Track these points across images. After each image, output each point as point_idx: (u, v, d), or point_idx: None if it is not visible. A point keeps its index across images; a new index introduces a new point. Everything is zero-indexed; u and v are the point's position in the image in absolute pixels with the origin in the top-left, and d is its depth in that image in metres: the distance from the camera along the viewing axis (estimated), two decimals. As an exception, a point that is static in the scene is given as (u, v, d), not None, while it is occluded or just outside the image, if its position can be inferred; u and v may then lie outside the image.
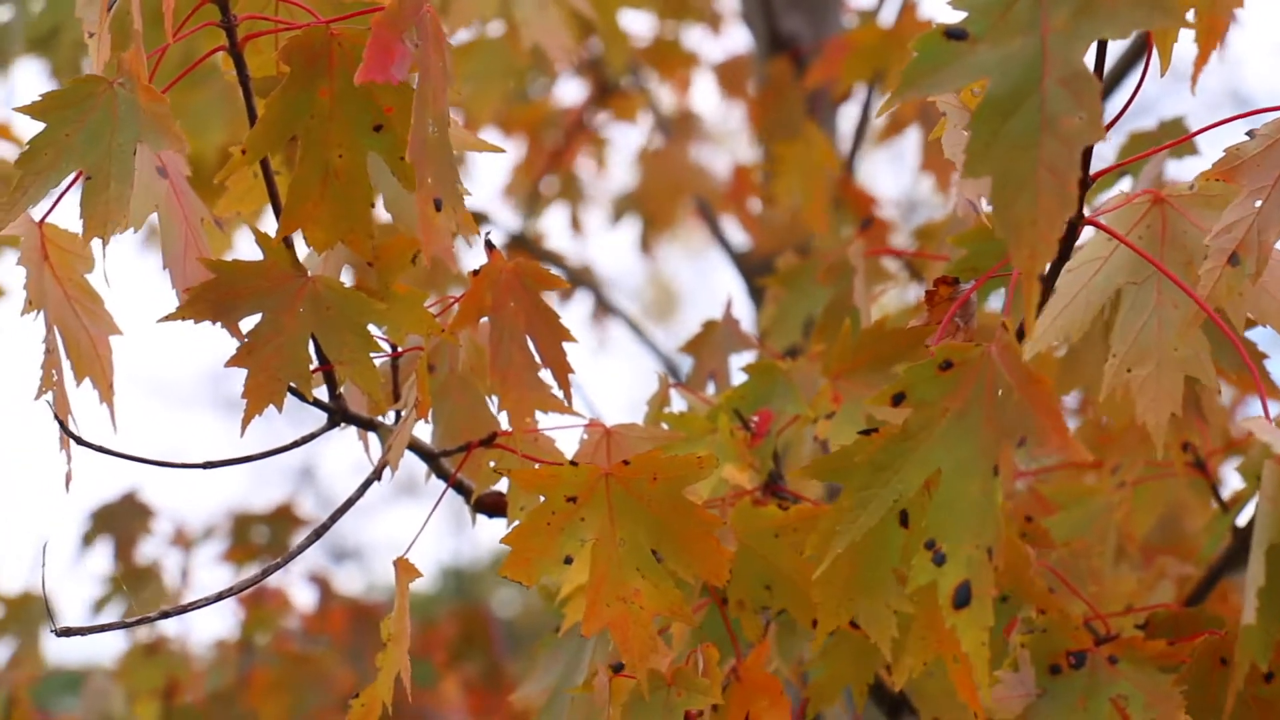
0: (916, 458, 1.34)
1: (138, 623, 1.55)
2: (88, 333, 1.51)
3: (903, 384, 1.33)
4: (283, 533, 3.86)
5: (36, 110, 1.42)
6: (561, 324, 1.59)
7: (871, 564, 1.43)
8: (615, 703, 1.51)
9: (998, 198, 1.19)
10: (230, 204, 1.62)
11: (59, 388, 1.49)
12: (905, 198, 8.09)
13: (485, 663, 3.95)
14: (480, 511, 1.75)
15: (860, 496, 1.37)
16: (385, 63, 1.35)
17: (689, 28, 4.30)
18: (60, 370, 1.49)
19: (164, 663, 3.56)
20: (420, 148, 1.38)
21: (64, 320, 1.50)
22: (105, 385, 1.52)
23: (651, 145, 4.13)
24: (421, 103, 1.38)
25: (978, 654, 1.27)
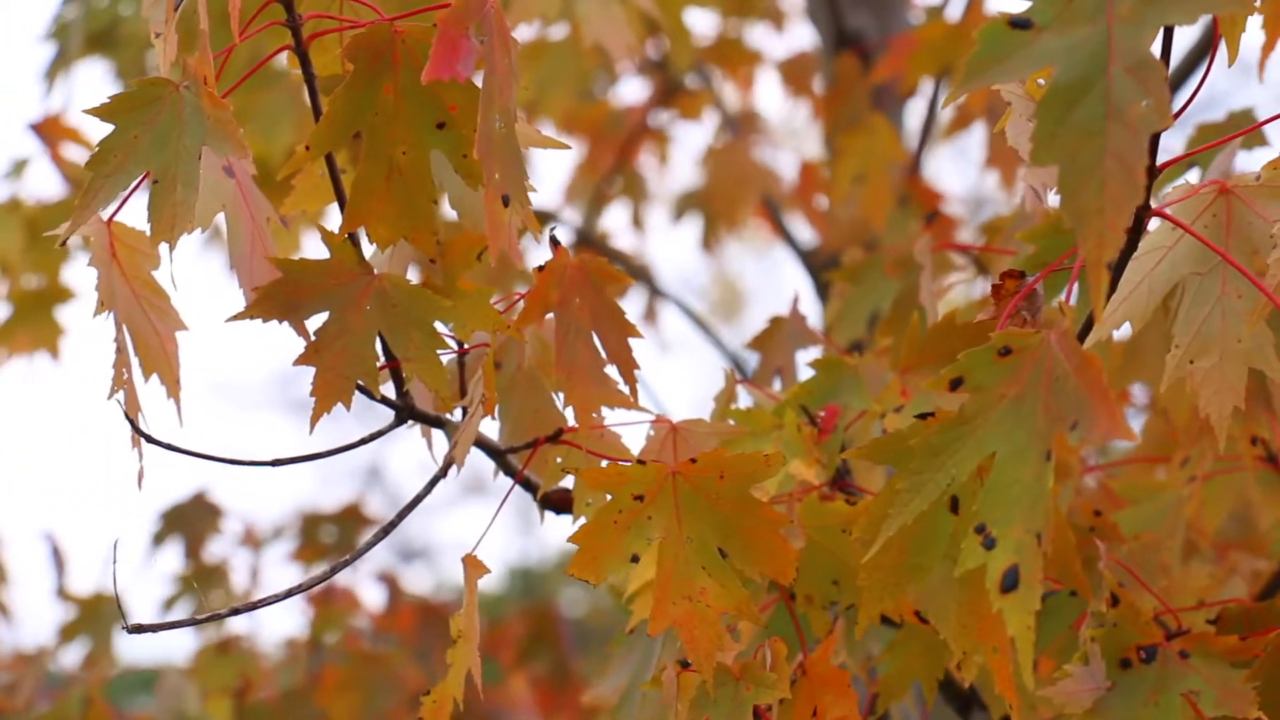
0: (971, 442, 1.34)
1: (208, 619, 1.56)
2: (155, 330, 1.52)
3: (961, 369, 1.33)
4: (351, 532, 3.87)
5: (105, 112, 1.43)
6: (627, 319, 1.59)
7: (920, 550, 1.43)
8: (683, 698, 1.51)
9: (1064, 186, 1.19)
10: (296, 203, 1.63)
11: (129, 386, 1.50)
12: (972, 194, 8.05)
13: (553, 661, 3.96)
14: (547, 508, 1.75)
15: (914, 480, 1.37)
16: (451, 61, 1.35)
17: (753, 25, 4.30)
18: (130, 369, 1.50)
19: (236, 661, 3.58)
20: (487, 145, 1.38)
21: (132, 318, 1.51)
22: (172, 381, 1.53)
23: (716, 143, 4.13)
24: (488, 99, 1.38)
25: (1024, 637, 1.27)
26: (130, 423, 1.50)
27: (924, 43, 3.33)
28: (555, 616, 4.03)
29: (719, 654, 1.48)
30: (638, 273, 4.11)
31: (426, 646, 3.76)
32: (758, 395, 1.89)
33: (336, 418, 1.54)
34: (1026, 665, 1.27)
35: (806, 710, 1.53)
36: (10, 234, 3.28)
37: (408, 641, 3.78)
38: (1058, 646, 1.75)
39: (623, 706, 1.73)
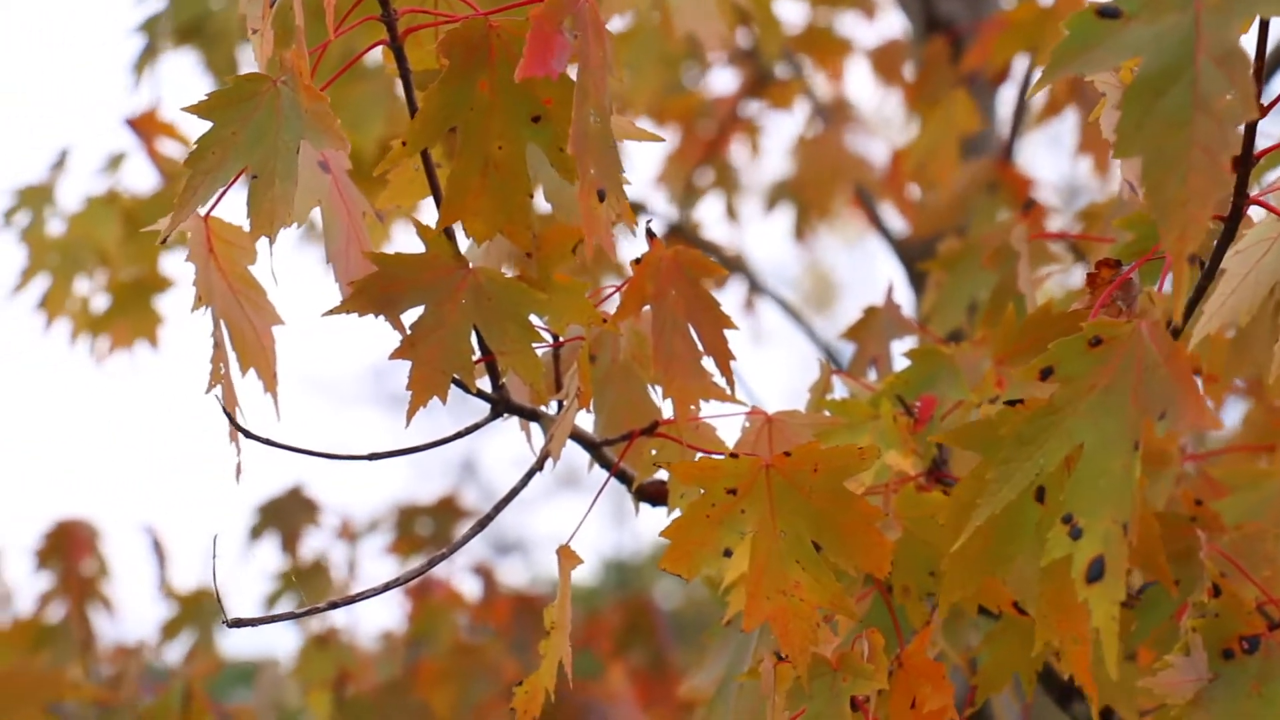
0: (1060, 432, 1.33)
1: (307, 613, 1.57)
2: (252, 324, 1.53)
3: (1051, 358, 1.33)
4: (446, 525, 3.89)
5: (203, 109, 1.44)
6: (722, 311, 1.59)
7: (1006, 539, 1.42)
8: (780, 690, 1.50)
9: (1149, 178, 1.18)
10: (391, 197, 1.64)
11: (227, 381, 1.51)
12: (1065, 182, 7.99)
13: (650, 653, 3.96)
14: (642, 500, 1.75)
15: (1003, 470, 1.36)
16: (545, 57, 1.35)
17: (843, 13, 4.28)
18: (227, 363, 1.51)
19: (335, 654, 3.60)
20: (582, 139, 1.39)
21: (230, 313, 1.52)
22: (269, 376, 1.54)
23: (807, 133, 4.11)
24: (582, 94, 1.38)
25: (1108, 628, 1.26)
26: (228, 417, 1.51)
27: (1013, 25, 3.30)
28: (651, 608, 4.03)
29: (816, 646, 1.48)
30: (731, 264, 4.11)
31: (522, 638, 3.77)
32: (853, 386, 1.88)
33: (431, 412, 1.55)
34: (1111, 656, 1.26)
35: (904, 702, 1.53)
36: (108, 226, 3.31)
37: (504, 633, 3.79)
38: (1158, 637, 1.74)
39: (719, 698, 1.73)
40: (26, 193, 3.35)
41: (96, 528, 3.68)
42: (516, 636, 3.77)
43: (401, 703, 3.51)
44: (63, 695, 3.21)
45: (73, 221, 3.34)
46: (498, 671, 3.63)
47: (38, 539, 3.65)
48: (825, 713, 1.49)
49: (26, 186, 3.36)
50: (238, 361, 1.53)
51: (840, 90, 4.28)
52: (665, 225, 4.02)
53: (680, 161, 4.28)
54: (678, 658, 4.01)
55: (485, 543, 11.66)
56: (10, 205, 3.34)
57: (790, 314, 3.97)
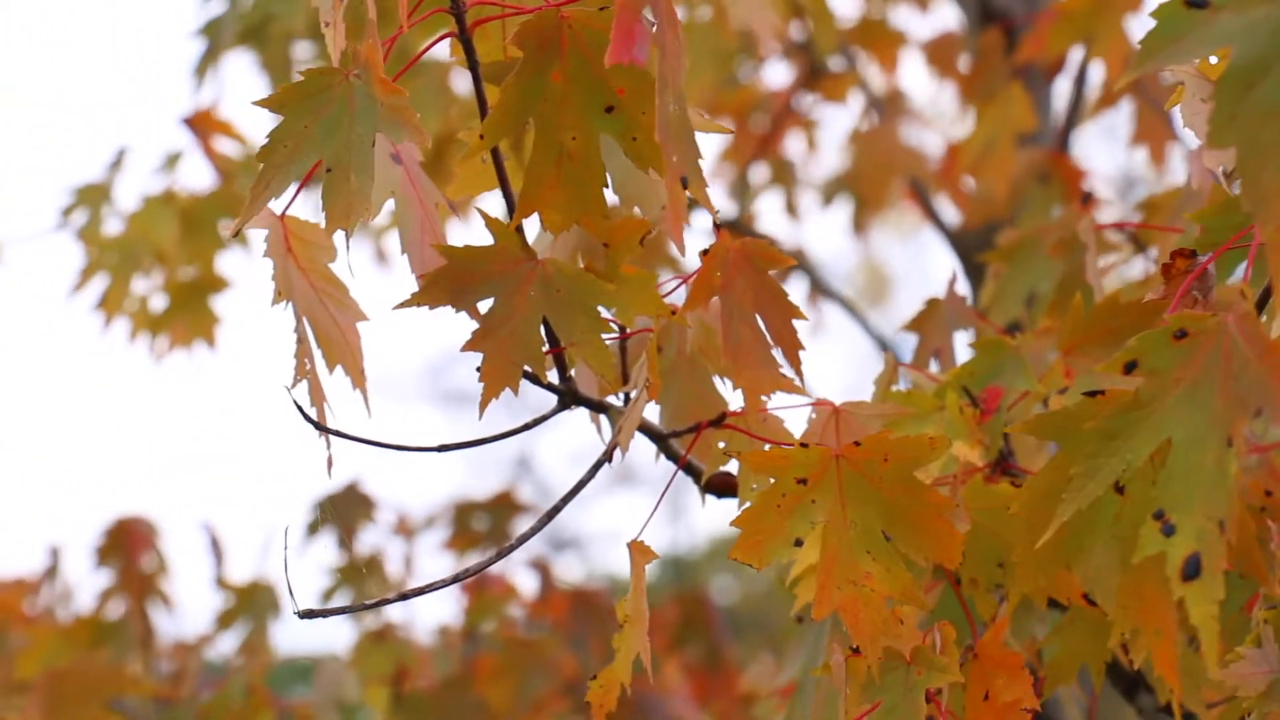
0: (1147, 427, 1.32)
1: (374, 605, 1.57)
2: (336, 321, 1.54)
3: (1135, 352, 1.32)
4: (503, 520, 3.90)
5: (274, 103, 1.45)
6: (790, 302, 1.59)
7: (1083, 531, 1.41)
8: (852, 683, 1.50)
9: (1244, 168, 1.17)
10: (459, 189, 1.64)
11: (312, 377, 1.51)
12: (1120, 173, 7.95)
13: (706, 648, 3.96)
14: (710, 493, 1.75)
15: (1090, 465, 1.35)
16: (629, 44, 1.35)
17: (896, 6, 4.27)
18: (312, 359, 1.51)
19: (392, 649, 3.61)
20: (665, 127, 1.39)
21: (311, 310, 1.53)
22: (357, 372, 1.55)
23: (862, 126, 4.11)
24: (662, 82, 1.39)
25: (1208, 627, 1.25)
26: (302, 412, 1.51)
27: (1068, 16, 3.29)
28: (707, 603, 4.03)
29: (888, 637, 1.48)
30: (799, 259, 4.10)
31: (579, 633, 3.77)
32: (918, 377, 1.88)
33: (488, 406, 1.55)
34: (1212, 655, 1.25)
35: (979, 694, 1.52)
36: (165, 225, 3.33)
37: (561, 628, 3.79)
38: (1229, 629, 1.73)
39: (799, 695, 1.73)
40: (84, 191, 3.37)
41: (155, 525, 3.70)
42: (573, 632, 3.77)
43: (459, 698, 3.51)
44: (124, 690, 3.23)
45: (130, 221, 3.36)
46: (555, 667, 3.63)
47: (98, 536, 3.67)
48: (899, 706, 1.49)
49: (85, 185, 3.38)
50: (324, 358, 1.54)
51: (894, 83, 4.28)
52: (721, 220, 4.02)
53: (735, 156, 4.28)
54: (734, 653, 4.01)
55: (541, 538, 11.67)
56: (68, 204, 3.36)
57: (847, 308, 3.97)
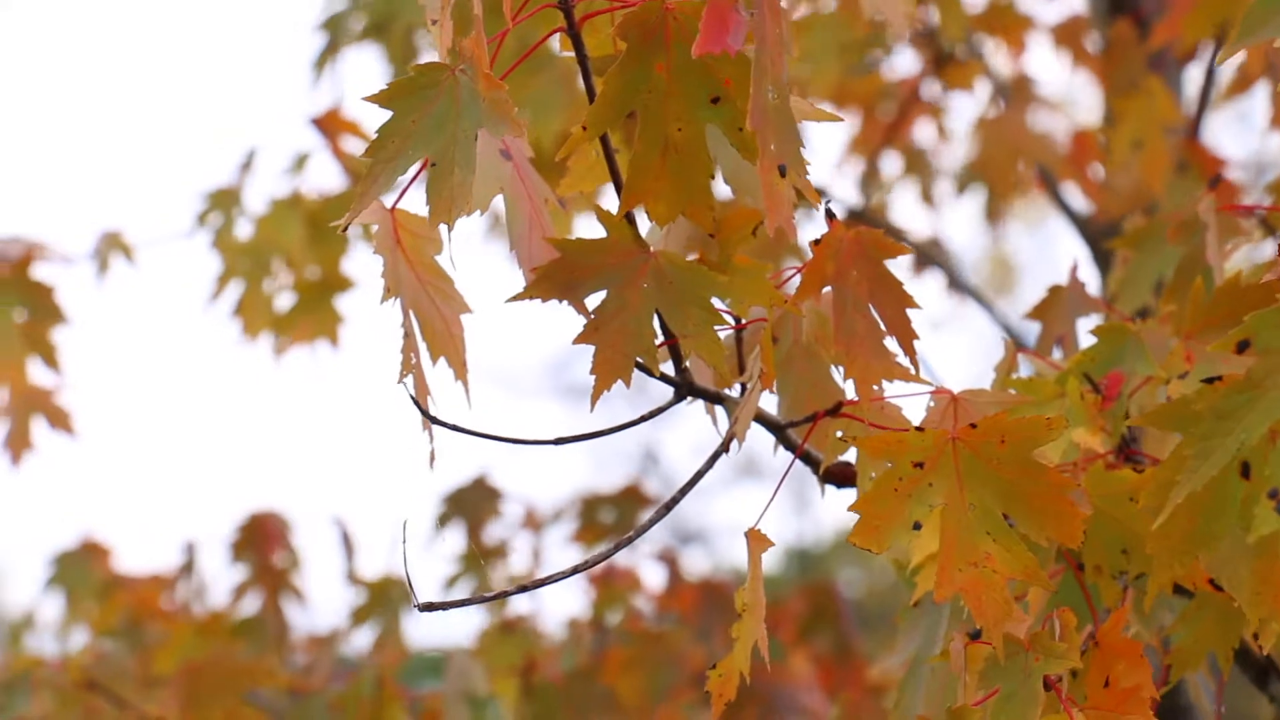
0: (1261, 406, 1.31)
1: (496, 597, 1.58)
2: (440, 313, 1.55)
3: (1248, 330, 1.30)
4: (630, 513, 3.90)
5: (383, 99, 1.46)
6: (905, 291, 1.58)
7: (1211, 516, 1.39)
8: (971, 670, 1.49)
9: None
10: (572, 184, 1.65)
11: (418, 370, 1.53)
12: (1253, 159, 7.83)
13: (834, 639, 3.94)
14: (828, 482, 1.75)
15: (1202, 446, 1.34)
16: (721, 34, 1.35)
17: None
18: (418, 353, 1.53)
19: (521, 641, 3.63)
20: (761, 115, 1.38)
21: (418, 303, 1.54)
22: (459, 364, 1.56)
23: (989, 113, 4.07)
24: (759, 71, 1.38)
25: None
26: (417, 405, 1.53)
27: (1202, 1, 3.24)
28: (835, 593, 4.01)
29: (1008, 624, 1.47)
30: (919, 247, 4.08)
31: (707, 625, 3.77)
32: (1039, 364, 1.86)
33: (610, 403, 1.56)
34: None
35: (1099, 681, 1.51)
36: (292, 227, 3.37)
37: (689, 620, 3.79)
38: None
39: (910, 680, 1.72)
40: (216, 196, 3.42)
41: (288, 520, 3.75)
42: (701, 623, 3.78)
43: (587, 690, 3.53)
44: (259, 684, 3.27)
45: (259, 225, 3.40)
46: (683, 659, 3.63)
47: (232, 532, 3.72)
48: (1018, 692, 1.48)
49: (216, 190, 3.42)
50: (428, 351, 1.55)
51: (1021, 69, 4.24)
52: (848, 210, 4.00)
53: (861, 145, 4.26)
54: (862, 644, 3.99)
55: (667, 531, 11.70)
56: (202, 209, 3.41)
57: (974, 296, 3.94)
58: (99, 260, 3.34)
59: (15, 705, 3.46)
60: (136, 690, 3.54)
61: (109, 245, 3.35)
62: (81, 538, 3.99)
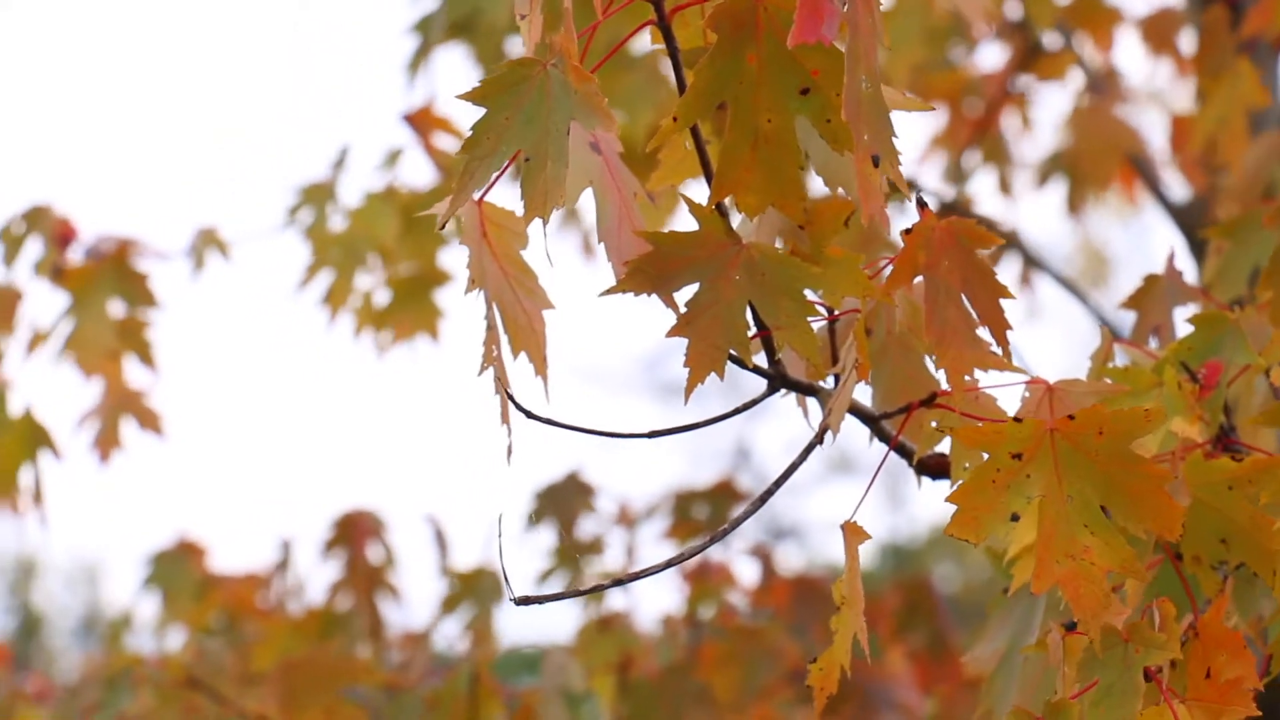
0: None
1: (591, 591, 1.59)
2: (523, 308, 1.56)
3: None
4: (723, 508, 3.89)
5: (476, 95, 1.47)
6: (998, 280, 1.57)
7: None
8: (1069, 661, 1.49)
9: None
10: (663, 177, 1.65)
11: (499, 364, 1.53)
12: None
13: (930, 634, 3.92)
14: (923, 474, 1.74)
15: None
16: (815, 23, 1.35)
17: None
18: (499, 346, 1.53)
19: (617, 638, 3.63)
20: (855, 105, 1.38)
21: (502, 296, 1.54)
22: (540, 359, 1.56)
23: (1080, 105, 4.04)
24: (853, 60, 1.38)
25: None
26: (509, 397, 1.53)
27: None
28: (930, 589, 3.99)
29: (1107, 615, 1.46)
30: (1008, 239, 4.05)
31: (802, 620, 3.76)
32: (1135, 354, 1.85)
33: (702, 397, 1.55)
34: None
35: (1200, 672, 1.50)
36: (387, 221, 3.38)
37: (783, 616, 3.78)
38: None
39: (1002, 670, 1.72)
40: (309, 190, 3.44)
41: (381, 517, 3.77)
42: (796, 619, 3.76)
43: (683, 686, 3.52)
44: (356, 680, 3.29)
45: (353, 217, 3.42)
46: (779, 654, 3.62)
47: (326, 530, 3.74)
48: (1117, 684, 1.47)
49: (310, 184, 3.44)
50: (509, 345, 1.55)
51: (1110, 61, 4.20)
52: (937, 202, 3.98)
53: (949, 138, 4.24)
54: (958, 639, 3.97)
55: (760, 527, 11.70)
56: (295, 203, 3.43)
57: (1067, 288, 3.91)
58: (194, 256, 3.37)
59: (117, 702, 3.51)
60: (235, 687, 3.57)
61: (204, 241, 3.38)
62: (178, 537, 4.02)
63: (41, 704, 3.88)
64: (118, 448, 3.22)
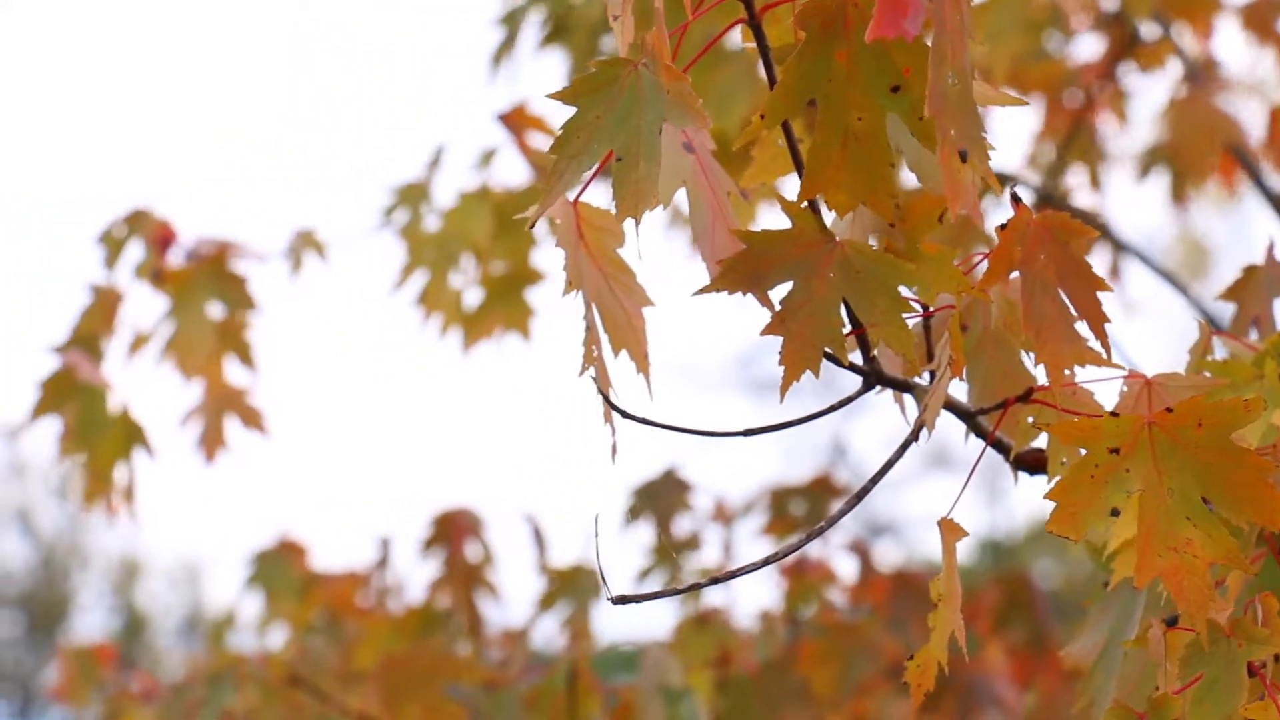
0: None
1: (688, 589, 1.59)
2: (622, 306, 1.56)
3: None
4: (820, 505, 3.88)
5: (568, 95, 1.47)
6: (1094, 274, 1.56)
7: None
8: (1172, 656, 1.48)
9: None
10: (756, 175, 1.65)
11: (599, 363, 1.54)
12: None
13: (1029, 630, 3.90)
14: (1020, 469, 1.73)
15: None
16: (897, 18, 1.34)
17: (1211, -29, 4.16)
18: (599, 346, 1.54)
19: (714, 634, 3.63)
20: (940, 101, 1.38)
21: (600, 296, 1.55)
22: (641, 356, 1.56)
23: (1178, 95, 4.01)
24: (938, 56, 1.37)
25: None
26: (604, 398, 1.54)
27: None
28: (1030, 584, 3.97)
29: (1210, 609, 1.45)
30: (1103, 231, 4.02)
31: (901, 616, 3.74)
32: (1234, 346, 1.83)
33: (797, 394, 1.55)
34: None
35: (1304, 666, 1.48)
36: (480, 221, 3.40)
37: (882, 612, 3.77)
38: None
39: (1100, 665, 1.71)
40: (405, 190, 3.46)
41: (479, 516, 3.78)
42: (894, 615, 3.75)
43: (782, 682, 3.52)
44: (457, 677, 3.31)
45: (447, 217, 3.44)
46: (877, 650, 3.61)
47: (424, 528, 3.76)
48: (1221, 679, 1.46)
49: (405, 185, 3.46)
50: (609, 344, 1.56)
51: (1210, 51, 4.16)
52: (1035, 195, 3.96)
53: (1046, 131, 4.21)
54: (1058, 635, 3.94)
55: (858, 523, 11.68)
56: (390, 203, 3.45)
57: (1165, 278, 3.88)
58: (292, 258, 3.40)
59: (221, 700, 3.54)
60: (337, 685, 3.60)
61: (302, 243, 3.41)
62: (279, 537, 4.06)
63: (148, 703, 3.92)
64: (222, 446, 3.24)
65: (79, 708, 4.23)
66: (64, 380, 3.14)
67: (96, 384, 3.14)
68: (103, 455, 3.17)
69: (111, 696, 4.00)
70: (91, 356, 3.19)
